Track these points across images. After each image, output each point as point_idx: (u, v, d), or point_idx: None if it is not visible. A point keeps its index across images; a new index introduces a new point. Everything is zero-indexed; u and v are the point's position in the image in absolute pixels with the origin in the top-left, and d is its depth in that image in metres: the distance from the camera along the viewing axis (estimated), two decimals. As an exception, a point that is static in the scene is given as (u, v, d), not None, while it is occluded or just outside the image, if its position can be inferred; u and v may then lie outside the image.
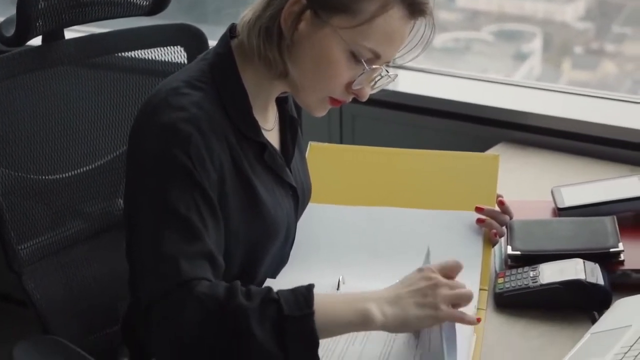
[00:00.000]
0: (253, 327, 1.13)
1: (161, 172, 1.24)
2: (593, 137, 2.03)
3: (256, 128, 1.35)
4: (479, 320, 1.26)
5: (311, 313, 1.15)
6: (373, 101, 1.45)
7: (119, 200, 1.65)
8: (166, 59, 1.68)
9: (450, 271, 1.25)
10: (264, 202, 1.35)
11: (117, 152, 1.66)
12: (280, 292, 1.17)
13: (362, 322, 1.19)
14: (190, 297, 1.15)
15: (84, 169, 1.62)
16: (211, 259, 1.21)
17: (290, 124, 1.46)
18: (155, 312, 1.17)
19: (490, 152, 1.98)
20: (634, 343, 1.18)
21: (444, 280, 1.23)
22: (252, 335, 1.13)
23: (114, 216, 1.65)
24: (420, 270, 1.24)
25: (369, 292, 1.22)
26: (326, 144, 1.72)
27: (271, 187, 1.38)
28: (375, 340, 1.26)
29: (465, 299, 1.23)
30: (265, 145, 1.36)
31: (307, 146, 1.65)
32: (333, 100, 1.34)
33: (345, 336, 1.27)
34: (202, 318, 1.15)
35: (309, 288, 1.18)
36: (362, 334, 1.27)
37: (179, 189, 1.22)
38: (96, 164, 1.64)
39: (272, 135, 1.41)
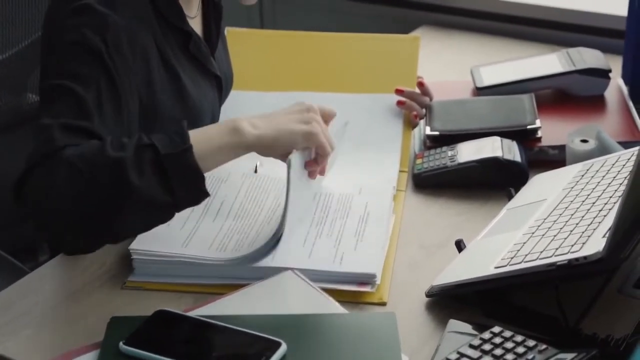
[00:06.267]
0: (131, 176, 1.08)
1: (70, 53, 1.18)
2: (515, 17, 2.02)
3: (181, 15, 1.31)
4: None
5: (189, 147, 1.12)
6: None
7: (29, 94, 1.59)
8: None
9: (325, 115, 1.27)
10: (189, 94, 1.32)
11: (28, 41, 1.58)
12: (152, 135, 1.13)
13: (234, 137, 1.17)
14: (59, 162, 1.09)
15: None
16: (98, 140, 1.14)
17: (213, 11, 1.41)
18: (27, 183, 1.10)
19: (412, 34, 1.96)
20: (548, 215, 1.19)
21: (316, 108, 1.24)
22: (133, 185, 1.08)
23: (24, 111, 1.59)
24: (297, 102, 1.25)
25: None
26: (244, 29, 1.67)
27: (196, 78, 1.35)
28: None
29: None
30: (190, 34, 1.32)
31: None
32: None
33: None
34: (74, 180, 1.08)
35: (181, 125, 1.15)
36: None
37: (84, 71, 1.17)
38: (4, 55, 1.56)
39: (195, 23, 1.37)
